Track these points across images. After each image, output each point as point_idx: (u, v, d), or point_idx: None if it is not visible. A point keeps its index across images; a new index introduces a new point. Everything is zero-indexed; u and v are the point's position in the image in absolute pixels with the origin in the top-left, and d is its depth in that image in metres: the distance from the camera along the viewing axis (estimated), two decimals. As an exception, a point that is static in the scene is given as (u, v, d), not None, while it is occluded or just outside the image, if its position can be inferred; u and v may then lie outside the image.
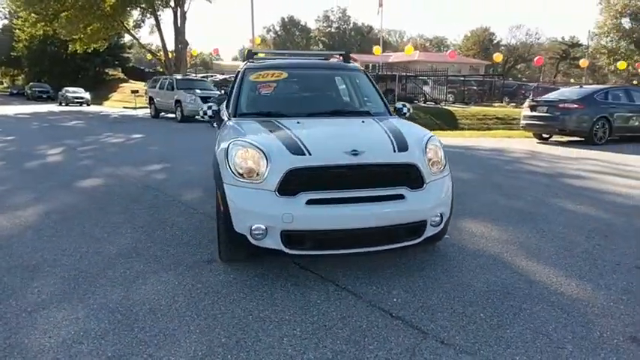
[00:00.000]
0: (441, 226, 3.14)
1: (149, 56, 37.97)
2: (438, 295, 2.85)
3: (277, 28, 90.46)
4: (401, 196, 2.92)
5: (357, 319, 2.57)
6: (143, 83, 40.36)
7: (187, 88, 17.23)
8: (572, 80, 54.19)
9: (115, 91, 40.68)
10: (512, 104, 26.51)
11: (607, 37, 47.36)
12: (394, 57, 48.35)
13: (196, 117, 16.43)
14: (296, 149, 2.87)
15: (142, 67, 53.76)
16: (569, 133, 10.73)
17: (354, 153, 2.86)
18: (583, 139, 10.59)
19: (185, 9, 26.24)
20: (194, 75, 31.13)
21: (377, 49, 25.66)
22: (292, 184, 2.79)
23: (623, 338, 2.39)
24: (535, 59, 34.65)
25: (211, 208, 4.71)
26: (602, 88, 11.15)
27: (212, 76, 33.26)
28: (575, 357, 2.23)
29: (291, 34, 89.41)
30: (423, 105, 21.57)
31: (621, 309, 2.70)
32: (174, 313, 2.63)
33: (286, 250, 2.82)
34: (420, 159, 3.02)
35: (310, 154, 2.83)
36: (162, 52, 28.66)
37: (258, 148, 2.91)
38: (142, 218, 4.44)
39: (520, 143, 11.17)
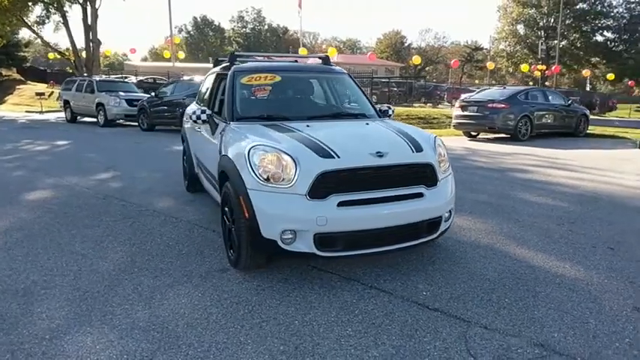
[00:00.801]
0: (450, 220, 3.34)
1: (51, 55, 34.75)
2: (460, 286, 3.03)
3: (189, 28, 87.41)
4: (420, 195, 3.06)
5: (399, 315, 2.66)
6: (46, 85, 36.93)
7: (110, 90, 16.12)
8: (476, 81, 58.86)
9: (12, 94, 36.71)
10: (430, 104, 28.25)
11: (505, 41, 52.01)
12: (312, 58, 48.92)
13: (118, 120, 15.51)
14: (324, 152, 2.89)
15: (41, 68, 49.18)
16: (497, 131, 11.70)
17: (379, 154, 2.95)
18: (509, 135, 11.62)
19: (96, 5, 24.47)
20: (106, 76, 29.15)
21: (303, 50, 25.91)
22: (322, 187, 2.81)
23: (630, 309, 2.74)
24: (452, 62, 37.08)
25: (193, 216, 4.57)
26: (523, 89, 12.32)
27: (126, 77, 31.34)
28: (600, 329, 2.51)
29: (204, 34, 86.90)
30: (351, 106, 22.12)
31: (615, 285, 3.08)
32: (215, 326, 2.53)
33: (319, 253, 2.83)
34: (433, 158, 3.19)
35: (339, 157, 2.87)
36: (70, 51, 26.48)
37: (284, 152, 2.89)
38: (123, 230, 4.15)
39: (454, 141, 11.96)
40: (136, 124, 14.58)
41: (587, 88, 42.44)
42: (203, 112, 3.74)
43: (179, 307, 2.74)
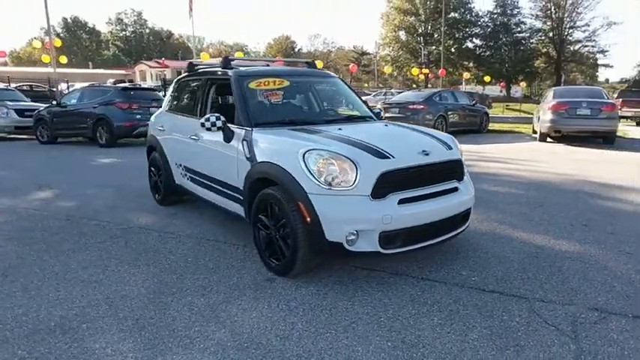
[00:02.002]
0: (471, 212, 3.65)
1: None
2: (496, 269, 3.34)
3: (59, 30, 79.28)
4: (456, 189, 3.31)
5: (467, 300, 2.87)
6: None
7: (-8, 99, 14.10)
8: (365, 85, 62.14)
9: None
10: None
11: (389, 47, 55.59)
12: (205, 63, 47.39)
13: (2, 134, 13.63)
14: (379, 153, 2.99)
15: None
16: (418, 130, 12.61)
17: (425, 153, 3.14)
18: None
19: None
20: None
21: (205, 55, 25.13)
22: (382, 186, 2.91)
23: (634, 273, 3.27)
24: (350, 66, 38.56)
25: (189, 230, 4.33)
26: (437, 91, 13.46)
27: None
28: (625, 291, 2.98)
29: (77, 37, 79.43)
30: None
31: (609, 254, 3.63)
32: (308, 334, 2.50)
33: (383, 251, 2.92)
34: (460, 155, 3.46)
35: (394, 157, 2.99)
36: None
37: (341, 155, 2.93)
38: (122, 251, 3.79)
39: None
40: (28, 137, 13.02)
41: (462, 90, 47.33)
42: (218, 118, 3.57)
43: (255, 321, 2.64)
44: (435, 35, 52.04)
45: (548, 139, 11.48)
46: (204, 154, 4.07)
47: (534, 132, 12.96)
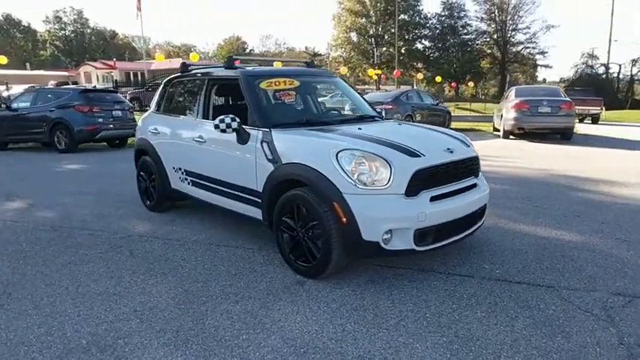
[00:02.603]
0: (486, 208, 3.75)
1: None
2: (514, 261, 3.47)
3: (-13, 29, 73.97)
4: (475, 185, 3.41)
5: (500, 292, 2.96)
6: None
7: None
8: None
9: None
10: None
11: (341, 48, 56.16)
12: (156, 64, 46.11)
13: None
14: (409, 152, 3.02)
15: None
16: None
17: (450, 151, 3.21)
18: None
19: None
20: None
21: (160, 56, 24.34)
22: (415, 184, 2.94)
23: (638, 258, 3.49)
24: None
25: (194, 236, 4.19)
26: (404, 91, 13.78)
27: None
28: (637, 276, 3.18)
29: (10, 36, 74.46)
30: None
31: (610, 242, 3.86)
32: (361, 335, 2.48)
33: (417, 248, 2.95)
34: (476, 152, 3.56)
35: (424, 155, 3.03)
36: None
37: (374, 154, 2.93)
38: (130, 261, 3.60)
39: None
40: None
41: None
42: (233, 119, 3.47)
43: (302, 325, 2.59)
44: (386, 37, 53.20)
45: (511, 137, 12.04)
46: (211, 157, 3.94)
47: (495, 130, 13.55)
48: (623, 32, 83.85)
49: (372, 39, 53.81)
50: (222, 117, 3.49)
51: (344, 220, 2.86)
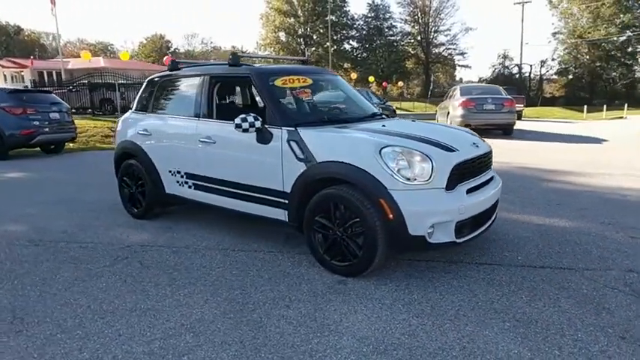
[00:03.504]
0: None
1: None
2: (527, 247, 3.70)
3: None
4: (493, 177, 3.59)
5: (532, 277, 3.14)
6: None
7: None
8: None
9: None
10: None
11: (270, 48, 55.84)
12: (74, 63, 42.87)
13: None
14: (445, 147, 3.11)
15: None
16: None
17: (476, 145, 3.35)
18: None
19: None
20: None
21: (85, 54, 22.63)
22: (453, 178, 3.04)
23: (630, 239, 3.88)
24: (165, 59, 37.36)
25: (204, 242, 4.01)
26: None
27: None
28: (637, 253, 3.53)
29: None
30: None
31: (600, 226, 4.24)
32: (434, 329, 2.52)
33: (457, 240, 3.05)
34: (488, 146, 3.75)
35: (458, 150, 3.14)
36: None
37: (415, 149, 2.99)
38: (145, 273, 3.35)
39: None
40: None
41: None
42: (256, 118, 3.35)
43: (367, 324, 2.58)
44: (315, 37, 53.76)
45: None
46: (223, 159, 3.77)
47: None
48: (534, 35, 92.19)
49: (301, 39, 54.10)
50: (243, 116, 3.36)
51: (391, 216, 2.89)
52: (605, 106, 27.55)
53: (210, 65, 4.28)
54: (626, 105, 27.31)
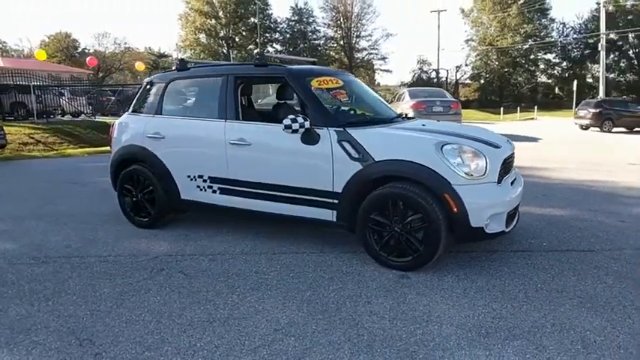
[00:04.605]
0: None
1: None
2: (545, 233, 4.07)
3: None
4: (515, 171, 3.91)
5: (566, 259, 3.48)
6: None
7: None
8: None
9: None
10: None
11: (191, 49, 54.08)
12: (-33, 64, 38.35)
13: None
14: (492, 144, 3.34)
15: None
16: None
17: (509, 142, 3.63)
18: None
19: None
20: None
21: (40, 53, 20.26)
22: (501, 172, 3.28)
23: (620, 223, 4.40)
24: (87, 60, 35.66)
25: (235, 248, 3.93)
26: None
27: None
28: (636, 234, 4.03)
29: None
30: (66, 119, 19.03)
31: (590, 213, 4.75)
32: (516, 312, 2.71)
33: (506, 230, 3.30)
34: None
35: (501, 146, 3.39)
36: None
37: (472, 147, 3.18)
38: (196, 284, 3.20)
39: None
40: None
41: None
42: (305, 119, 3.35)
43: (455, 312, 2.71)
44: (237, 39, 53.04)
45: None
46: (260, 161, 3.69)
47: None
48: (449, 42, 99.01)
49: (223, 41, 53.09)
50: (293, 116, 3.35)
51: (455, 210, 3.05)
52: (518, 108, 30.31)
53: (231, 65, 4.15)
54: (535, 107, 30.31)
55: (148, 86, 4.52)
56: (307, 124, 3.36)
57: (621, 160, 8.83)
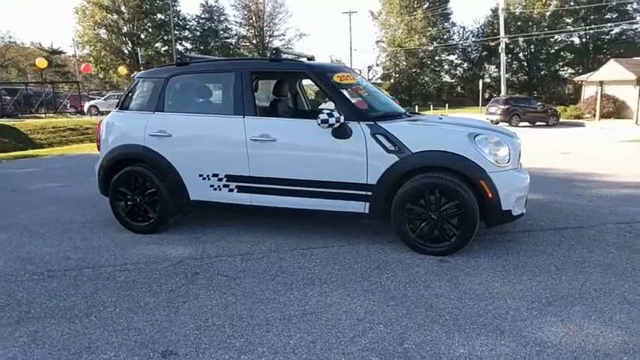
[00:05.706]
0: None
1: None
2: (541, 214, 4.52)
3: None
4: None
5: (571, 236, 3.91)
6: None
7: None
8: (66, 88, 53.98)
9: None
10: (54, 114, 24.74)
11: (90, 46, 49.96)
12: None
13: None
14: (509, 134, 3.65)
15: None
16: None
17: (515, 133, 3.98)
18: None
19: None
20: None
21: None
22: (518, 160, 3.61)
23: (613, 207, 5.02)
24: (82, 67, 32.86)
25: (262, 246, 3.90)
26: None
27: None
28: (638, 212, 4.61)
29: None
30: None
31: (585, 201, 5.33)
32: (558, 283, 3.02)
33: (524, 212, 3.63)
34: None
35: (515, 137, 3.71)
36: None
37: (497, 137, 3.46)
38: (245, 285, 3.10)
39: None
40: None
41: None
42: (339, 113, 3.39)
43: (511, 291, 2.93)
44: (142, 36, 50.17)
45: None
46: (288, 157, 3.64)
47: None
48: (361, 42, 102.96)
49: (127, 38, 49.84)
50: (328, 111, 3.37)
51: (490, 195, 3.30)
52: (431, 106, 32.38)
53: (244, 60, 4.02)
54: (447, 105, 32.59)
55: (140, 82, 4.22)
56: (342, 119, 3.40)
57: (553, 151, 9.95)
